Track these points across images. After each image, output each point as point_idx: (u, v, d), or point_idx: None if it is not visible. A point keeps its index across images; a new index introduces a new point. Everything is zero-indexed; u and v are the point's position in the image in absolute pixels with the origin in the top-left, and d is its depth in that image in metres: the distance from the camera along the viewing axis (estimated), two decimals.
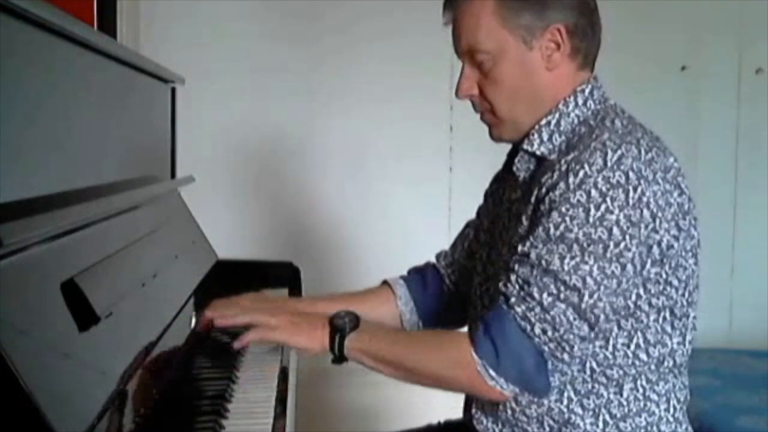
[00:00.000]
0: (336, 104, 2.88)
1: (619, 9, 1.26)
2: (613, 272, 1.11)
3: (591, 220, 1.10)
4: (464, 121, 2.85)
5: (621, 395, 1.19)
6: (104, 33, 1.70)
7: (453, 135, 2.92)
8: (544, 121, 1.23)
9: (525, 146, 1.24)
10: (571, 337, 1.12)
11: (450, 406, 1.45)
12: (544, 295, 1.11)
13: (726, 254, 3.00)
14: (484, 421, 1.28)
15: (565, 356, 1.13)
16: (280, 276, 1.90)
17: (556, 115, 1.22)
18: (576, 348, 1.13)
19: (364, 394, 2.78)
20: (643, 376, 1.19)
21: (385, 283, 1.53)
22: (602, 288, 1.11)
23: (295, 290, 1.86)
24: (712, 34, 2.97)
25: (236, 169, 2.87)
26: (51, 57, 1.09)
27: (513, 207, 1.29)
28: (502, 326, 1.13)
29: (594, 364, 1.17)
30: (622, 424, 1.19)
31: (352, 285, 2.82)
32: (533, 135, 1.23)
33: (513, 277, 1.14)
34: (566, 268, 1.10)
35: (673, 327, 1.19)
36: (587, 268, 1.10)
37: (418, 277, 1.52)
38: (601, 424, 1.18)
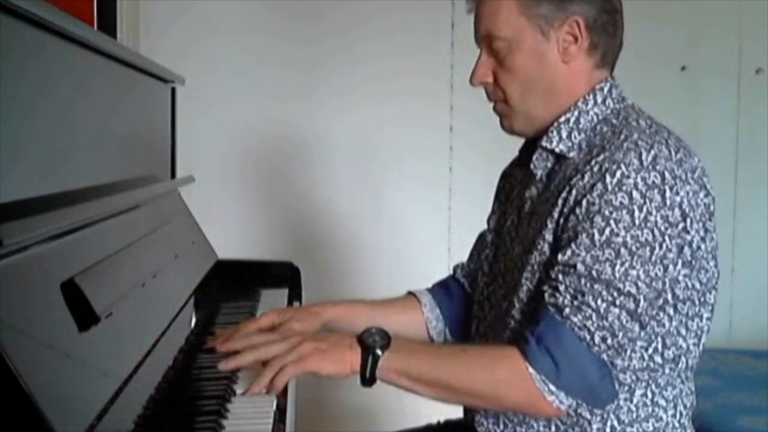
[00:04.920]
0: (336, 104, 2.87)
1: None
2: (657, 274, 1.10)
3: (637, 222, 1.09)
4: (464, 121, 2.85)
5: (631, 401, 1.17)
6: (104, 33, 1.70)
7: (453, 135, 2.92)
8: (563, 119, 1.22)
9: (544, 143, 1.23)
10: (627, 341, 1.11)
11: (450, 406, 1.45)
12: (599, 302, 1.09)
13: (726, 254, 2.98)
14: (485, 422, 1.28)
15: (620, 360, 1.12)
16: (279, 276, 1.90)
17: (575, 113, 1.21)
18: (629, 351, 1.12)
19: (364, 394, 2.77)
20: (654, 381, 1.18)
21: (409, 293, 1.51)
22: (652, 290, 1.10)
23: (295, 290, 1.86)
24: (712, 34, 2.97)
25: (236, 169, 2.87)
26: (51, 57, 1.09)
27: (526, 204, 1.28)
28: (558, 338, 1.10)
29: None
30: (629, 429, 1.18)
31: (352, 285, 2.85)
32: (552, 132, 1.22)
33: (561, 288, 1.12)
34: (617, 275, 1.09)
35: (687, 328, 1.18)
36: (635, 273, 1.09)
37: (442, 287, 1.51)
38: (608, 430, 1.17)
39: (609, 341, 1.10)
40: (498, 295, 1.32)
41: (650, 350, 1.16)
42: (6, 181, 0.91)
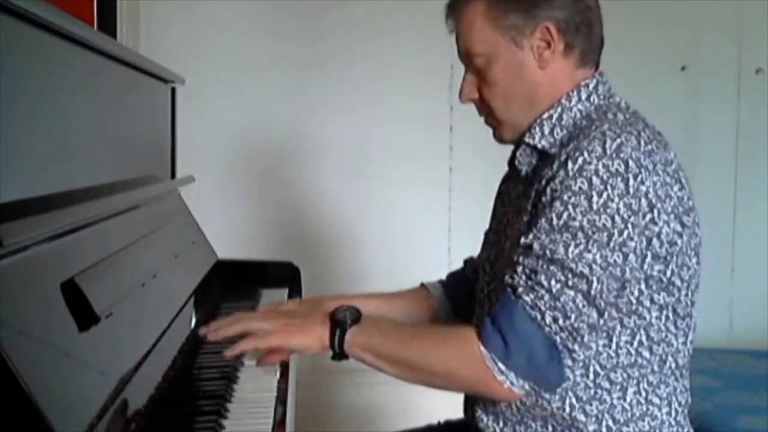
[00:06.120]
0: (336, 104, 2.88)
1: (619, 9, 1.26)
2: (615, 261, 1.10)
3: (594, 207, 1.10)
4: (464, 122, 2.85)
5: (624, 400, 1.18)
6: (104, 33, 1.70)
7: (453, 135, 2.92)
8: (546, 115, 1.23)
9: (527, 139, 1.24)
10: (582, 325, 1.11)
11: (450, 406, 1.45)
12: (552, 282, 1.10)
13: (726, 254, 3.00)
14: (485, 420, 1.28)
15: (576, 346, 1.12)
16: (279, 276, 1.90)
17: (558, 109, 1.22)
18: (586, 337, 1.12)
19: (364, 394, 2.78)
20: (645, 379, 1.18)
21: (422, 285, 1.53)
22: (608, 275, 1.10)
23: (295, 290, 1.86)
24: (712, 34, 2.97)
25: (236, 169, 2.87)
26: (51, 57, 1.09)
27: (515, 203, 1.30)
28: (510, 317, 1.12)
29: (597, 367, 1.15)
30: (625, 429, 1.18)
31: (352, 285, 2.85)
32: (534, 129, 1.23)
33: (519, 269, 1.13)
34: (571, 255, 1.10)
35: (677, 327, 1.18)
36: (590, 256, 1.10)
37: (453, 280, 1.53)
38: (604, 430, 1.18)
39: (561, 322, 1.10)
40: (498, 293, 1.33)
41: (635, 344, 1.16)
42: (6, 181, 0.91)
